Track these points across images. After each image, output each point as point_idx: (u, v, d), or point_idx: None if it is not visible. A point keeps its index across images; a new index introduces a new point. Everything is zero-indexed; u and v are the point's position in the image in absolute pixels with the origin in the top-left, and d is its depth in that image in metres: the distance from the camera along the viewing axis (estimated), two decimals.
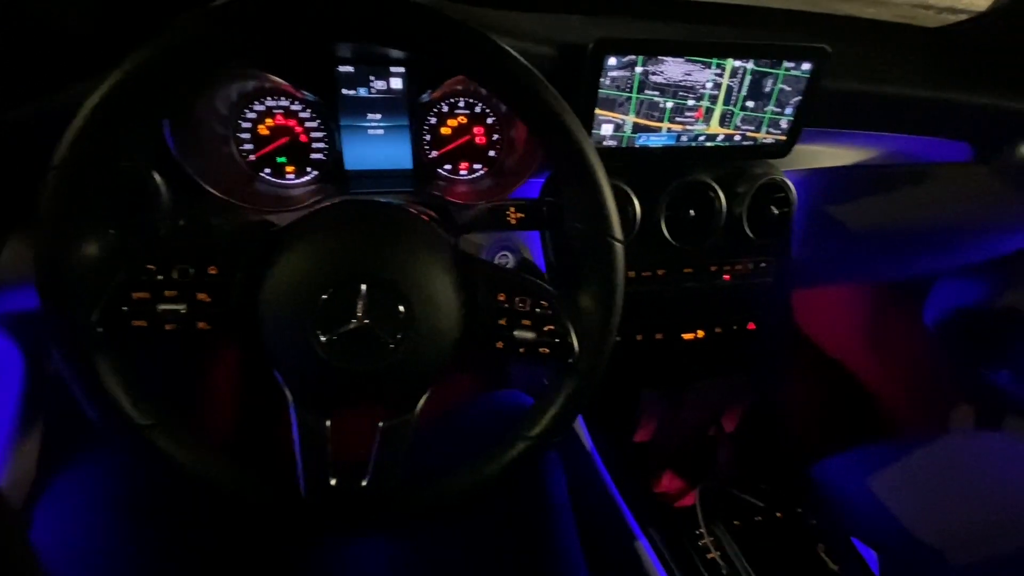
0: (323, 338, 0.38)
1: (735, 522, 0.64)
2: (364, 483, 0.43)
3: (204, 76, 0.36)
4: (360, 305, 0.38)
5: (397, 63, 0.63)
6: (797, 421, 1.12)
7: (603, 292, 0.44)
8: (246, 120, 0.63)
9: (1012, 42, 0.91)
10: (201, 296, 0.39)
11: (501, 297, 0.44)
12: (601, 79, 0.61)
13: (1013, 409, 1.10)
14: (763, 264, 0.76)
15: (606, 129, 0.65)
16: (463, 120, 0.68)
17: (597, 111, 0.63)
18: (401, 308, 0.39)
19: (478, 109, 0.68)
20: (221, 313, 0.40)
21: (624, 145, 0.67)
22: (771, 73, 0.65)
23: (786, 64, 0.65)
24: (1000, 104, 0.84)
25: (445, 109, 0.68)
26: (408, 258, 0.41)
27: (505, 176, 0.70)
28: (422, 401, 0.45)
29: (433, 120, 0.68)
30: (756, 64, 0.64)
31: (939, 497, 0.79)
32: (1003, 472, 0.86)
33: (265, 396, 0.44)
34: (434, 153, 0.69)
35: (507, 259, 0.72)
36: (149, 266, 0.38)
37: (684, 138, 0.68)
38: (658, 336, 0.76)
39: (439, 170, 0.70)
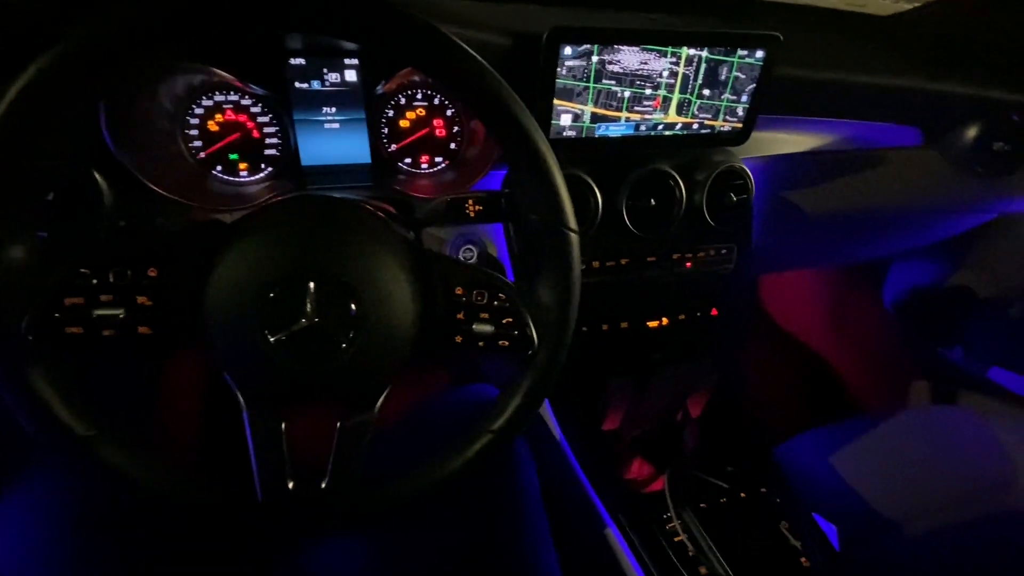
0: (271, 338, 0.37)
1: (701, 505, 0.65)
2: (323, 484, 0.42)
3: (130, 70, 0.35)
4: (309, 304, 0.37)
5: (351, 55, 0.61)
6: (762, 403, 1.15)
7: (560, 283, 0.44)
8: (194, 116, 0.60)
9: (959, 29, 0.93)
10: (141, 300, 0.37)
11: (458, 291, 0.43)
12: (558, 69, 0.60)
13: (967, 384, 1.14)
14: (724, 251, 0.77)
15: (565, 119, 0.65)
16: (421, 112, 0.67)
17: (556, 101, 0.63)
18: (352, 306, 0.39)
19: (437, 101, 0.67)
20: (163, 317, 0.38)
21: (584, 135, 0.67)
22: (725, 61, 0.66)
23: (740, 52, 0.66)
24: (947, 90, 0.87)
25: (403, 101, 0.66)
26: (359, 254, 0.40)
27: (467, 168, 0.69)
28: (381, 399, 0.44)
29: (391, 113, 0.67)
30: (710, 52, 0.65)
31: (897, 471, 0.82)
32: (957, 445, 0.90)
33: (222, 399, 0.43)
34: (393, 147, 0.68)
35: (471, 252, 0.72)
36: (83, 270, 0.37)
37: (643, 127, 0.68)
38: (623, 325, 0.77)
39: (399, 164, 0.69)
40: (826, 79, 0.80)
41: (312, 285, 0.37)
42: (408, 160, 0.69)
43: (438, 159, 0.70)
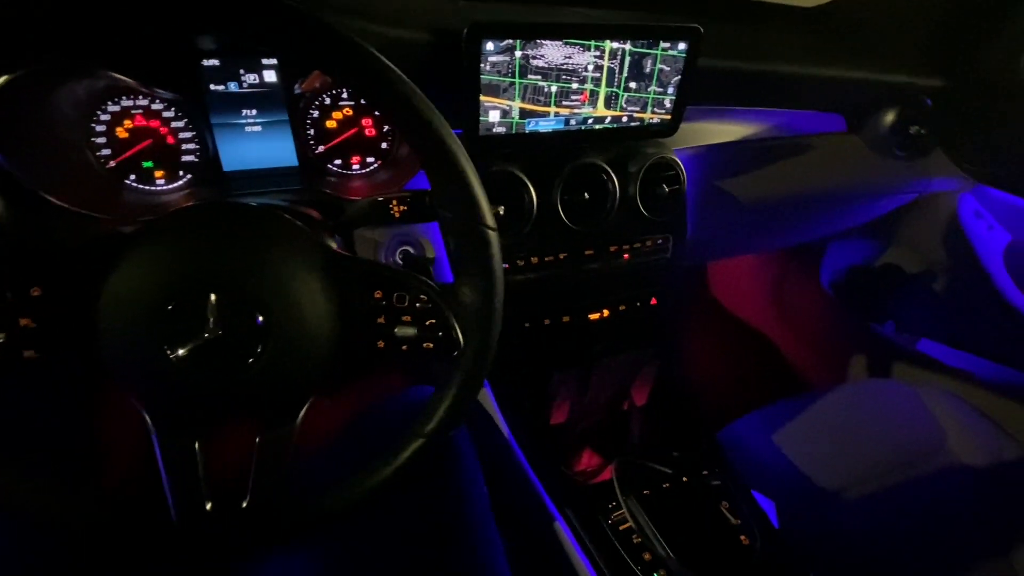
0: (171, 355, 0.36)
1: (645, 492, 0.66)
2: (244, 503, 0.41)
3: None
4: (210, 316, 0.36)
5: (268, 54, 0.59)
6: (707, 387, 1.19)
7: (482, 282, 0.44)
8: (100, 123, 0.57)
9: (873, 19, 0.98)
10: (24, 322, 0.35)
11: (378, 295, 0.42)
12: (482, 65, 0.60)
13: (899, 357, 1.21)
14: (660, 241, 0.79)
15: (493, 116, 0.64)
16: (348, 112, 0.65)
17: (482, 98, 0.62)
18: (259, 317, 0.37)
19: (364, 100, 0.65)
20: (50, 338, 0.36)
21: (514, 131, 0.66)
22: (649, 54, 0.67)
23: (663, 44, 0.67)
24: (865, 77, 0.91)
25: (327, 101, 0.65)
26: (265, 263, 0.38)
27: (401, 167, 0.68)
28: (303, 410, 0.43)
29: (316, 114, 0.65)
30: (633, 45, 0.65)
31: (833, 445, 0.86)
32: (890, 415, 0.95)
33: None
34: (321, 148, 0.66)
35: (409, 254, 0.70)
36: None
37: (573, 122, 0.69)
38: (565, 319, 0.77)
39: (329, 166, 0.67)
40: (751, 69, 0.82)
41: (213, 297, 0.36)
42: (338, 161, 0.68)
43: (369, 159, 0.69)
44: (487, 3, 0.69)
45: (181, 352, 0.35)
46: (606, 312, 0.80)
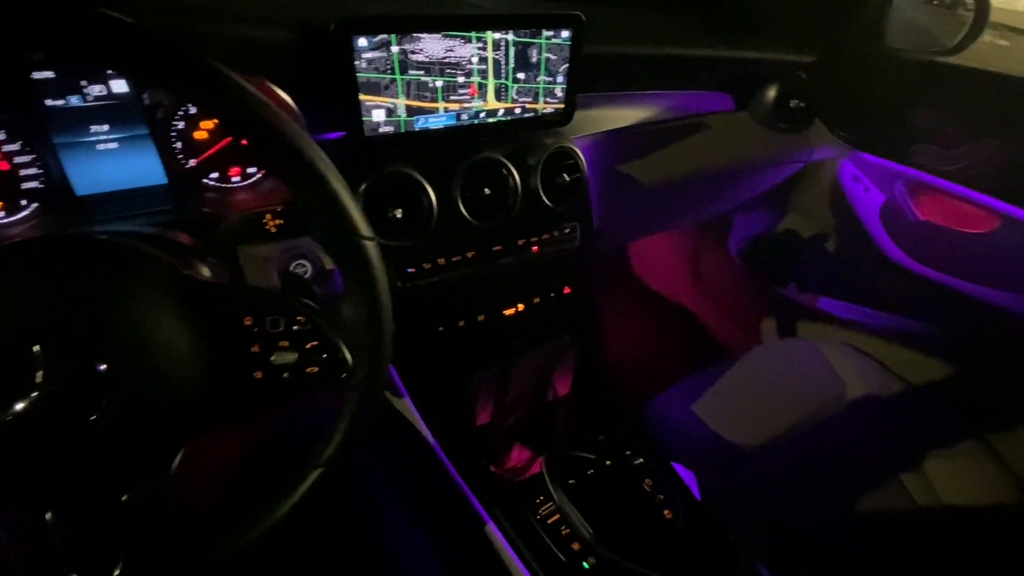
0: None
1: (571, 481, 0.67)
2: (117, 571, 0.36)
3: None
4: (39, 372, 0.31)
5: None
6: (631, 367, 1.22)
7: (365, 296, 0.41)
8: None
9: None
10: None
11: (248, 322, 0.39)
12: (356, 62, 0.57)
13: (802, 316, 1.30)
14: (567, 230, 0.79)
15: (378, 115, 0.61)
16: (219, 121, 0.60)
17: (362, 97, 0.59)
18: (100, 365, 0.33)
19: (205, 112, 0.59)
20: None
21: (403, 130, 0.64)
22: (533, 43, 0.66)
23: (546, 33, 0.66)
24: (746, 56, 0.95)
25: (193, 110, 0.59)
26: (103, 302, 0.34)
27: None
28: (177, 459, 0.39)
29: (181, 125, 0.59)
30: (516, 35, 0.64)
31: (747, 407, 0.91)
32: (796, 373, 1.02)
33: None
34: (192, 162, 0.60)
35: (305, 267, 0.66)
36: None
37: (465, 116, 0.67)
38: (480, 318, 0.76)
39: (205, 180, 0.62)
40: (640, 54, 0.84)
41: (37, 347, 0.31)
42: (215, 175, 0.62)
43: (251, 169, 0.63)
44: None
45: (6, 418, 0.31)
46: (521, 306, 0.79)
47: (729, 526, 0.67)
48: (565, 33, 0.67)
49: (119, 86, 0.54)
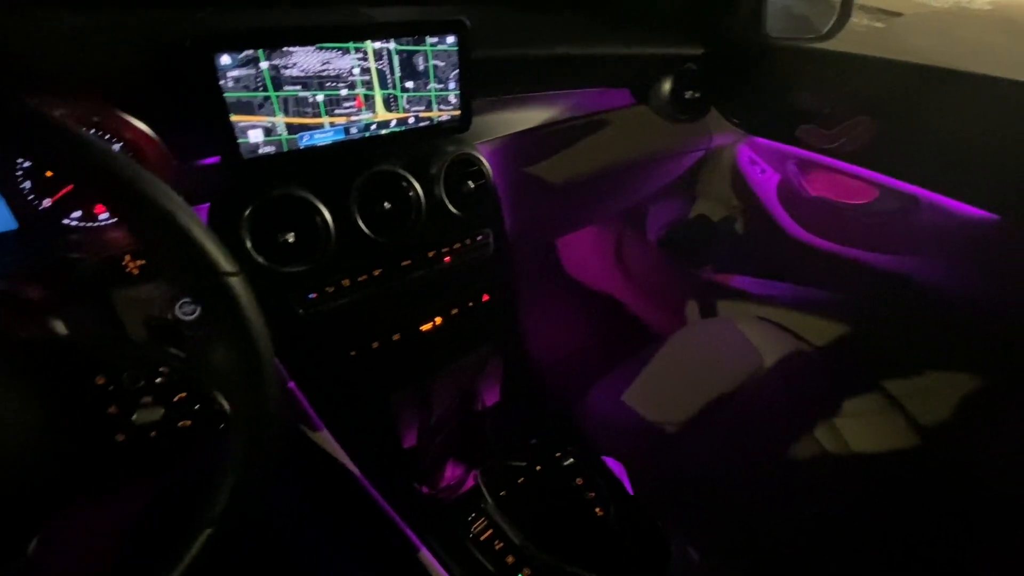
0: None
1: (502, 493, 0.65)
2: None
3: None
4: None
5: None
6: (561, 365, 1.24)
7: (237, 336, 0.37)
8: None
9: None
10: None
11: (100, 381, 0.34)
12: (221, 81, 0.52)
13: (720, 296, 1.35)
14: (479, 237, 0.78)
15: (255, 135, 0.57)
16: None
17: (234, 118, 0.55)
18: None
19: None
20: None
21: (286, 149, 0.60)
22: (418, 51, 0.64)
23: (430, 40, 0.64)
24: (640, 52, 0.98)
25: None
26: None
27: None
28: (33, 544, 0.34)
29: (26, 162, 0.52)
30: (398, 43, 0.62)
31: (672, 392, 0.93)
32: (717, 352, 1.06)
33: None
34: (47, 201, 0.54)
35: (194, 308, 0.61)
36: None
37: (354, 130, 0.64)
38: (395, 337, 0.73)
39: (66, 221, 0.55)
40: (534, 55, 0.84)
41: None
42: (77, 213, 0.55)
43: None
44: (230, 13, 0.60)
45: None
46: (439, 320, 0.77)
47: (660, 512, 0.68)
48: (451, 39, 0.66)
49: None
